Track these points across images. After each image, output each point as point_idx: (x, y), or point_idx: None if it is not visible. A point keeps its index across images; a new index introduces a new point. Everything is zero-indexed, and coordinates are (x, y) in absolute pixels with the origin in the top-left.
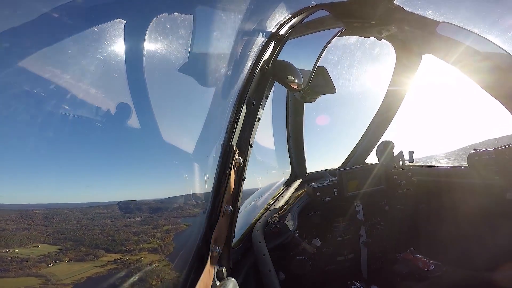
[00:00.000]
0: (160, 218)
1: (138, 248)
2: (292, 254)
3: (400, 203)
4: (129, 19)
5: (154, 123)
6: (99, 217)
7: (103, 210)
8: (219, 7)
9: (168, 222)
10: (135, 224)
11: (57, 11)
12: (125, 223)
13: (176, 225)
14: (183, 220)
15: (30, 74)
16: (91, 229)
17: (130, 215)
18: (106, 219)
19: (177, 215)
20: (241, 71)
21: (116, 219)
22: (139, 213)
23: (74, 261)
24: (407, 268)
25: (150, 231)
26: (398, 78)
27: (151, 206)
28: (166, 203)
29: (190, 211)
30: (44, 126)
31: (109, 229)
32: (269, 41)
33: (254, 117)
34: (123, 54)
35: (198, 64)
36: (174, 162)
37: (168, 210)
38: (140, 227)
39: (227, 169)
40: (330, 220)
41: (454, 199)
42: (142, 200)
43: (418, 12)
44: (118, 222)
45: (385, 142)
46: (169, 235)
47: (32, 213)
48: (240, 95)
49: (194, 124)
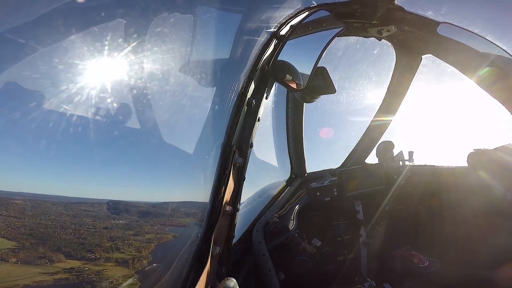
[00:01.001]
0: (160, 218)
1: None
2: (292, 254)
3: (400, 203)
4: (130, 20)
5: (154, 123)
6: (81, 215)
7: (89, 207)
8: (220, 7)
9: (168, 221)
10: (120, 225)
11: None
12: (109, 225)
13: (176, 225)
14: (183, 220)
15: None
16: (65, 227)
17: (121, 216)
18: (88, 218)
19: (177, 215)
20: (241, 71)
21: (100, 218)
22: (134, 213)
23: (21, 263)
24: (402, 264)
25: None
26: (398, 78)
27: (151, 204)
28: (165, 203)
29: (190, 211)
30: (49, 118)
31: (85, 230)
32: (270, 41)
33: (254, 117)
34: (123, 54)
35: (198, 64)
36: (174, 162)
37: (167, 210)
38: (136, 227)
39: (227, 169)
40: (330, 220)
41: (454, 199)
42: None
43: (418, 13)
44: (100, 223)
45: (385, 142)
46: (168, 235)
47: (11, 202)
48: (240, 95)
49: (194, 124)
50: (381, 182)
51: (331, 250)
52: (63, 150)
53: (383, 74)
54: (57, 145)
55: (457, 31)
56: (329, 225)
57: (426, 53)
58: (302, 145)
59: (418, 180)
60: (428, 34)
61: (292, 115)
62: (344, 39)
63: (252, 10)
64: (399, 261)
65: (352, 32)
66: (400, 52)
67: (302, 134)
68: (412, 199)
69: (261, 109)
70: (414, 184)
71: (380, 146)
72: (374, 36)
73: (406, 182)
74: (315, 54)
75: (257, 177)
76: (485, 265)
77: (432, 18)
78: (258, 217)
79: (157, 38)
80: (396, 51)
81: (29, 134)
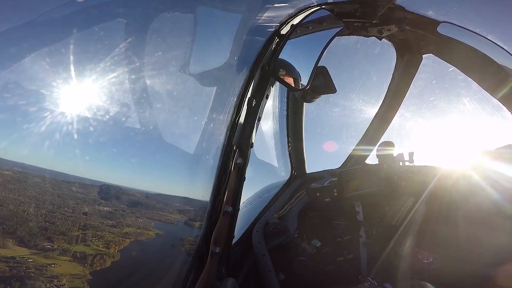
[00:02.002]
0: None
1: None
2: (292, 255)
3: (400, 204)
4: (130, 20)
5: (154, 123)
6: (66, 196)
7: (80, 189)
8: (220, 7)
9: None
10: (103, 213)
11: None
12: (91, 210)
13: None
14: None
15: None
16: (40, 207)
17: (108, 203)
18: (72, 200)
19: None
20: (242, 71)
21: (86, 202)
22: (127, 203)
23: None
24: (406, 261)
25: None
26: (399, 78)
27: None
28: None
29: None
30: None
31: (61, 213)
32: (270, 41)
33: (254, 117)
34: (123, 55)
35: (199, 64)
36: (174, 162)
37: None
38: (134, 223)
39: (227, 169)
40: (330, 221)
41: (454, 200)
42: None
43: (419, 12)
44: (82, 208)
45: (385, 142)
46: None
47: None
48: (241, 95)
49: (194, 124)
50: (381, 182)
51: (331, 251)
52: (70, 147)
53: (384, 73)
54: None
55: (457, 31)
56: (329, 225)
57: (427, 53)
58: (302, 145)
59: (418, 180)
60: (429, 34)
61: (292, 115)
62: (345, 38)
63: (252, 10)
64: (404, 258)
65: (353, 32)
66: (401, 51)
67: (302, 134)
68: (412, 199)
69: (262, 108)
70: (414, 184)
71: (380, 146)
72: (375, 36)
73: (407, 182)
74: (315, 54)
75: (257, 177)
76: (486, 264)
77: (432, 18)
78: (258, 217)
79: (158, 37)
80: (396, 50)
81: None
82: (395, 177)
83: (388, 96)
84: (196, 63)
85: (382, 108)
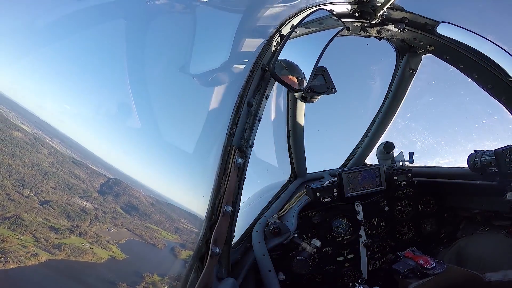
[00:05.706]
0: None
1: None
2: (292, 255)
3: (400, 204)
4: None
5: (155, 123)
6: (54, 176)
7: (82, 184)
8: (221, 7)
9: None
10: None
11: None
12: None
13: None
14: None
15: None
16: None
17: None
18: (70, 194)
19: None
20: (242, 71)
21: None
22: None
23: None
24: (408, 266)
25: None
26: (398, 78)
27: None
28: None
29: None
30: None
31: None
32: (270, 41)
33: (254, 117)
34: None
35: (199, 64)
36: (174, 162)
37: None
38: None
39: (227, 169)
40: (330, 221)
41: (454, 200)
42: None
43: (418, 12)
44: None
45: (385, 143)
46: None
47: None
48: (241, 95)
49: (195, 124)
50: (381, 183)
51: (330, 251)
52: None
53: (383, 74)
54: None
55: (456, 31)
56: (329, 225)
57: (426, 53)
58: (302, 145)
59: (418, 180)
60: (428, 34)
61: (292, 115)
62: (345, 38)
63: (252, 10)
64: (404, 263)
65: (352, 32)
66: (400, 51)
67: (302, 134)
68: (411, 199)
69: (262, 109)
70: (414, 184)
71: (380, 146)
72: (374, 36)
73: (406, 182)
74: (315, 54)
75: (257, 177)
76: (487, 267)
77: (431, 18)
78: (258, 217)
79: (159, 38)
80: (396, 50)
81: None
82: (395, 177)
83: (388, 96)
84: (196, 63)
85: (382, 108)
